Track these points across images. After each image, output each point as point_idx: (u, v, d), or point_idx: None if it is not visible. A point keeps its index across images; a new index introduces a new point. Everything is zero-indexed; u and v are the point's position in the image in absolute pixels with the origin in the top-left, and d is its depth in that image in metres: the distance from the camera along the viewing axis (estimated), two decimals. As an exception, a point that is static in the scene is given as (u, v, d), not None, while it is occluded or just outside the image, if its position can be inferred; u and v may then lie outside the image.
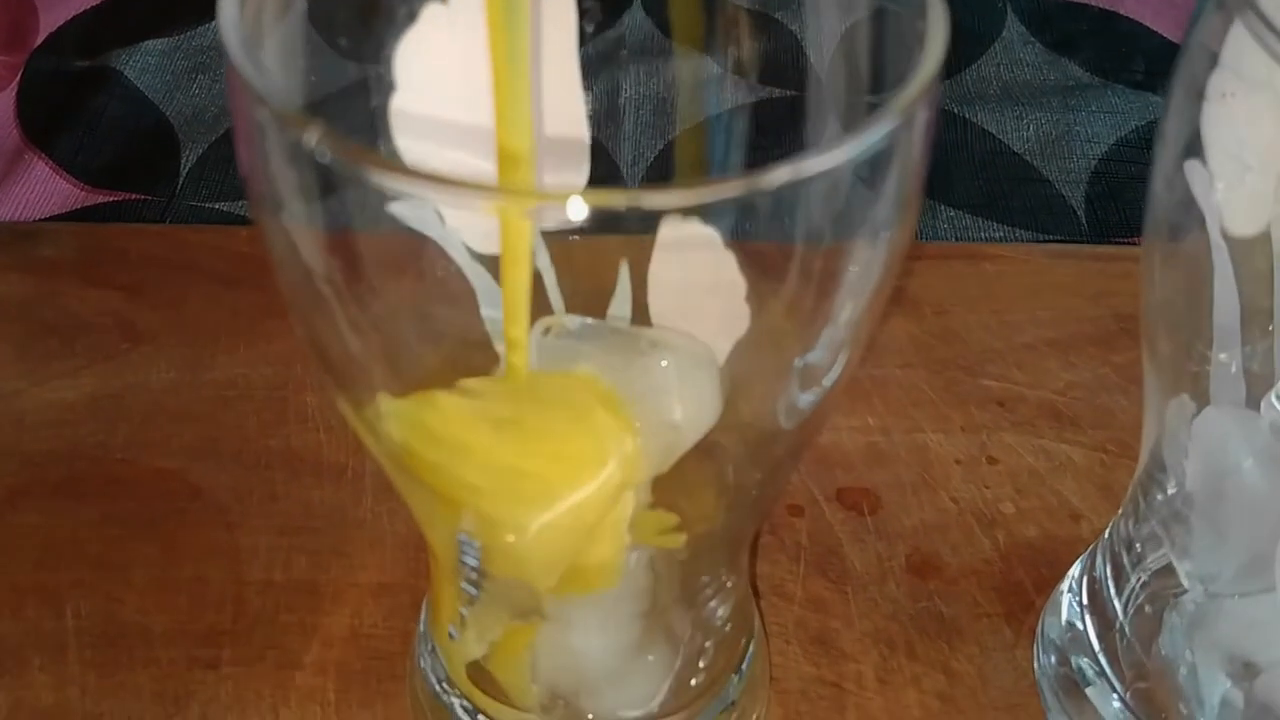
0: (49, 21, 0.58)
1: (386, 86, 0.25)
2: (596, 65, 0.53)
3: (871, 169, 0.20)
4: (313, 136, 0.18)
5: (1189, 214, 0.26)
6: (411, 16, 0.24)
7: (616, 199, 0.18)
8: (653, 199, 0.18)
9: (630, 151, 0.54)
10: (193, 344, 0.42)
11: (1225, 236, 0.26)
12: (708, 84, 0.31)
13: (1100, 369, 0.42)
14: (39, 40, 0.58)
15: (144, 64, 0.56)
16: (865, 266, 0.24)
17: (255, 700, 0.33)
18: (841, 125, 0.27)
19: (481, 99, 0.23)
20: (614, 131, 0.55)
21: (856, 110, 0.26)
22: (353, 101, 0.25)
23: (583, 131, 0.26)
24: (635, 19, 0.57)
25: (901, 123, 0.19)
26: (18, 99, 0.55)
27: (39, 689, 0.33)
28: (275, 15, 0.22)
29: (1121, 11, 0.61)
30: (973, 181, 0.53)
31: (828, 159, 0.19)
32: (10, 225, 0.48)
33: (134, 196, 0.51)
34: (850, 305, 0.25)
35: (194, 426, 0.39)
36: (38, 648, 0.34)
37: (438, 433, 0.24)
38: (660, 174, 0.50)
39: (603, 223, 0.18)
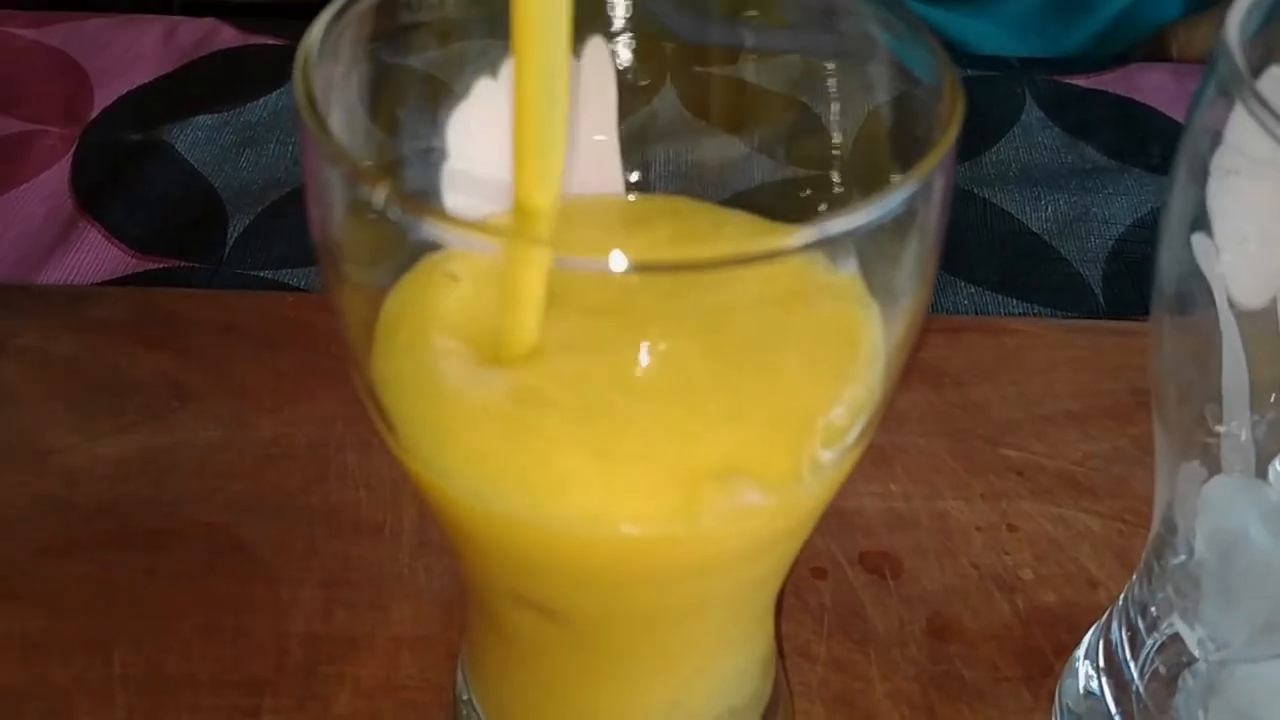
0: (103, 96, 0.61)
1: (439, 155, 0.26)
2: (628, 144, 0.56)
3: (894, 230, 0.22)
4: (381, 193, 0.20)
5: (1196, 286, 0.28)
6: (466, 92, 0.26)
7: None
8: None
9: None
10: (238, 403, 0.43)
11: (1233, 308, 0.27)
12: (735, 162, 0.32)
13: (1118, 440, 0.43)
14: (94, 114, 0.60)
15: (194, 138, 0.59)
16: (884, 330, 0.26)
17: (293, 747, 0.34)
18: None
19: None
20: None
21: (878, 188, 0.28)
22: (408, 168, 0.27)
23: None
24: (666, 101, 0.59)
25: (920, 189, 0.21)
26: (72, 169, 0.57)
27: (85, 733, 0.34)
28: (340, 89, 0.24)
29: (1138, 99, 0.63)
30: (991, 260, 0.54)
31: (851, 220, 0.20)
32: (64, 288, 0.50)
33: (182, 263, 0.53)
34: (870, 370, 0.26)
35: (238, 482, 0.41)
36: (86, 694, 0.35)
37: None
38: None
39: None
